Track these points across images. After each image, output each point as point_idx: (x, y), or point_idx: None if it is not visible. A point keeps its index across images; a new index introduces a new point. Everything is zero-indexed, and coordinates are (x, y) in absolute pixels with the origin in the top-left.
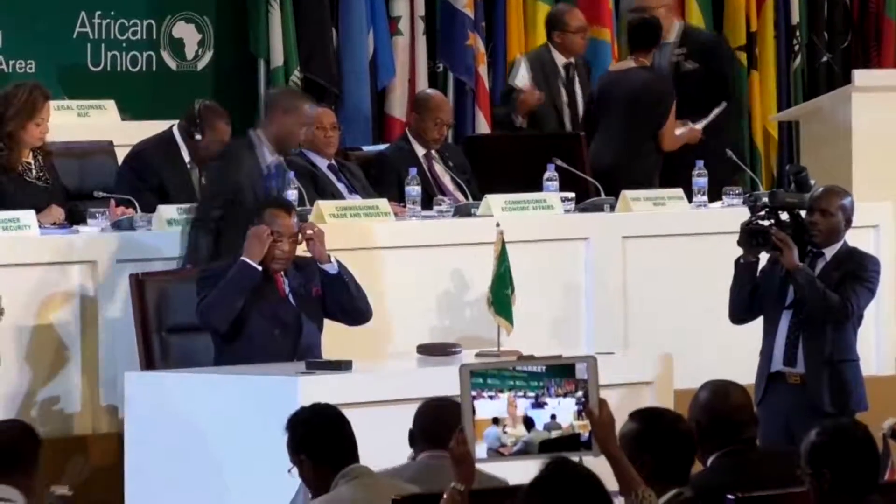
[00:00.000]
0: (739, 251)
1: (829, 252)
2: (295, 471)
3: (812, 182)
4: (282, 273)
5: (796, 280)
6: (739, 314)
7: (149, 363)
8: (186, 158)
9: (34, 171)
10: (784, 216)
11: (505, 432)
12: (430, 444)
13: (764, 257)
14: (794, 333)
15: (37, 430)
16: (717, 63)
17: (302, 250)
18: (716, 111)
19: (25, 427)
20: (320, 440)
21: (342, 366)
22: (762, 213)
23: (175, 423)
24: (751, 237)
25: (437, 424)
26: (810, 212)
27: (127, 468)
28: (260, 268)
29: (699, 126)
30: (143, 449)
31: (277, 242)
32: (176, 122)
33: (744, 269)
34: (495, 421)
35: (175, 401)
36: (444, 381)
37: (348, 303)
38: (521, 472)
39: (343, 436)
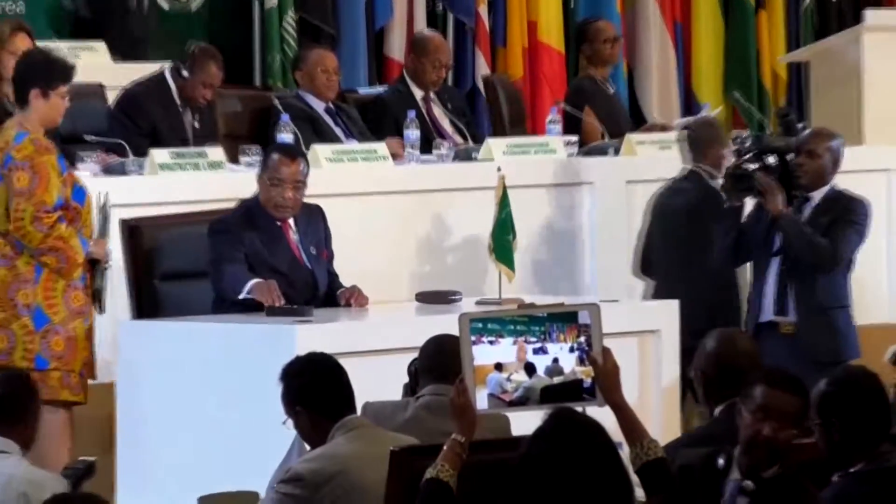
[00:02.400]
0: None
1: (817, 196)
2: (290, 423)
3: (801, 125)
4: (290, 223)
5: (781, 226)
6: (724, 260)
7: (141, 311)
8: (177, 99)
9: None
10: (771, 160)
11: (509, 379)
12: (434, 379)
13: (750, 203)
14: (784, 281)
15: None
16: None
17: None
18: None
19: (24, 378)
20: (317, 391)
21: (303, 312)
22: (748, 157)
23: (168, 373)
24: (736, 182)
25: (442, 357)
26: (797, 153)
27: (119, 418)
28: (244, 294)
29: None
30: (135, 399)
31: (275, 187)
32: (168, 63)
33: (728, 214)
34: (498, 367)
35: (168, 350)
36: (443, 330)
37: None
38: (525, 413)
39: (340, 386)
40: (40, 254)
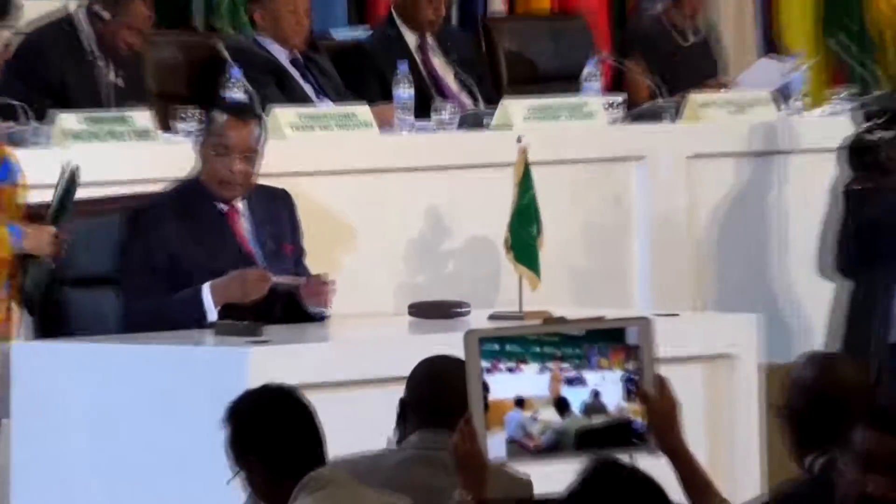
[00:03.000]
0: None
1: None
2: (239, 479)
3: None
4: (239, 209)
5: None
6: (850, 263)
7: (44, 329)
8: (94, 48)
9: None
10: None
11: (534, 419)
12: (427, 419)
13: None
14: None
15: None
16: None
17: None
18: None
19: None
20: (275, 436)
21: (253, 330)
22: (873, 123)
23: (79, 410)
24: (858, 157)
25: (436, 390)
26: None
27: (14, 466)
28: (215, 315)
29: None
30: (36, 443)
31: (221, 157)
32: (80, 1)
33: (853, 200)
34: (519, 403)
35: (79, 380)
36: (445, 353)
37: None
38: (553, 470)
39: (307, 431)
40: None
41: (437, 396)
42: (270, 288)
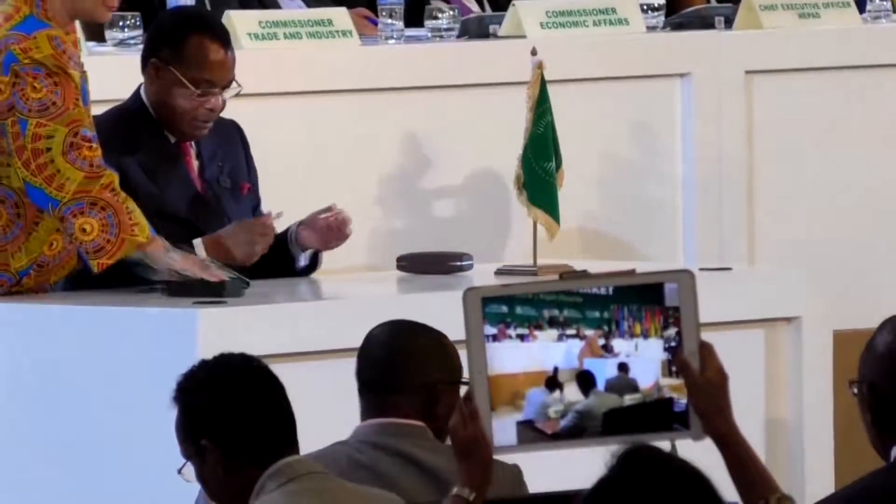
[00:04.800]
0: None
1: None
2: (189, 469)
3: None
4: (192, 143)
5: None
6: None
7: None
8: None
9: None
10: None
11: (559, 394)
12: (374, 406)
13: None
14: None
15: None
16: None
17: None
18: None
19: None
20: (235, 417)
21: (226, 289)
22: None
23: (5, 378)
24: None
25: (395, 364)
26: None
27: None
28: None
29: None
30: None
31: (206, 96)
32: None
33: None
34: (550, 382)
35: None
36: (440, 316)
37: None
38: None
39: (274, 409)
40: (77, 210)
41: (400, 376)
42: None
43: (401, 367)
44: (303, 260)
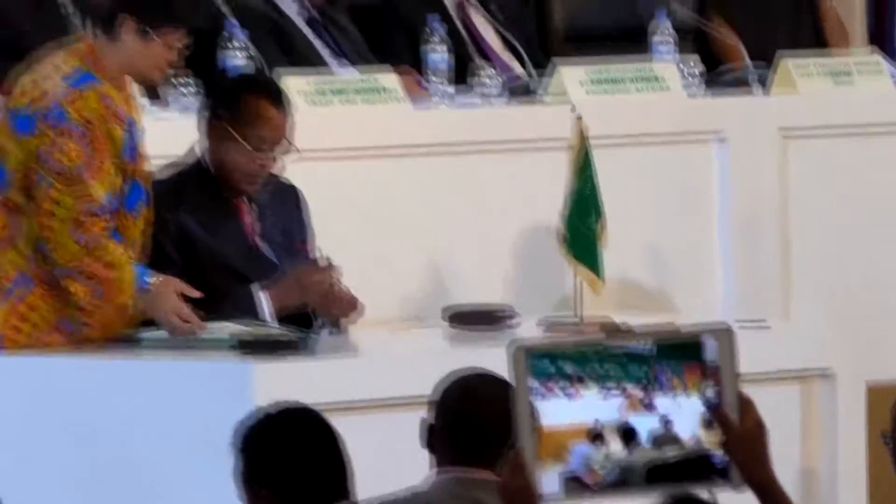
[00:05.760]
0: None
1: None
2: None
3: None
4: (246, 200)
5: None
6: None
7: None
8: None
9: None
10: None
11: (603, 447)
12: (458, 454)
13: None
14: None
15: None
16: None
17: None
18: None
19: None
20: (292, 466)
21: (299, 345)
22: None
23: (51, 436)
24: None
25: (472, 419)
26: None
27: None
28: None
29: None
30: (11, 465)
31: (259, 153)
32: None
33: None
34: (593, 436)
35: (47, 397)
36: (487, 368)
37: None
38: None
39: (330, 459)
40: (65, 274)
41: (472, 425)
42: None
43: (478, 419)
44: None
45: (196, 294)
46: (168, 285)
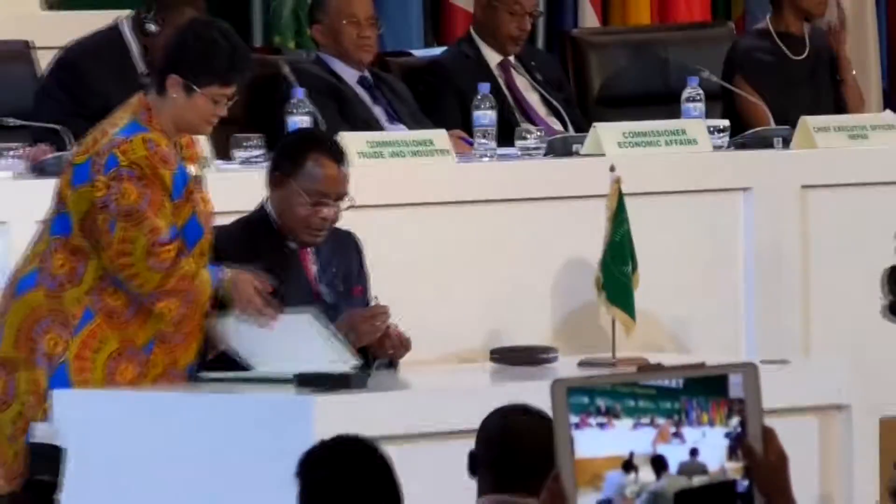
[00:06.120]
0: None
1: None
2: None
3: None
4: (309, 250)
5: None
6: None
7: None
8: (140, 65)
9: None
10: None
11: (635, 476)
12: (502, 480)
13: None
14: None
15: None
16: None
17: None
18: None
19: None
20: (349, 493)
21: (351, 381)
22: None
23: (127, 467)
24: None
25: (512, 448)
26: None
27: None
28: None
29: None
30: (83, 497)
31: (318, 206)
32: (124, 12)
33: None
34: (626, 466)
35: (128, 432)
36: (530, 404)
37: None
38: None
39: (384, 487)
40: (156, 299)
41: (513, 455)
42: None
43: (521, 449)
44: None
45: (269, 288)
46: (245, 276)
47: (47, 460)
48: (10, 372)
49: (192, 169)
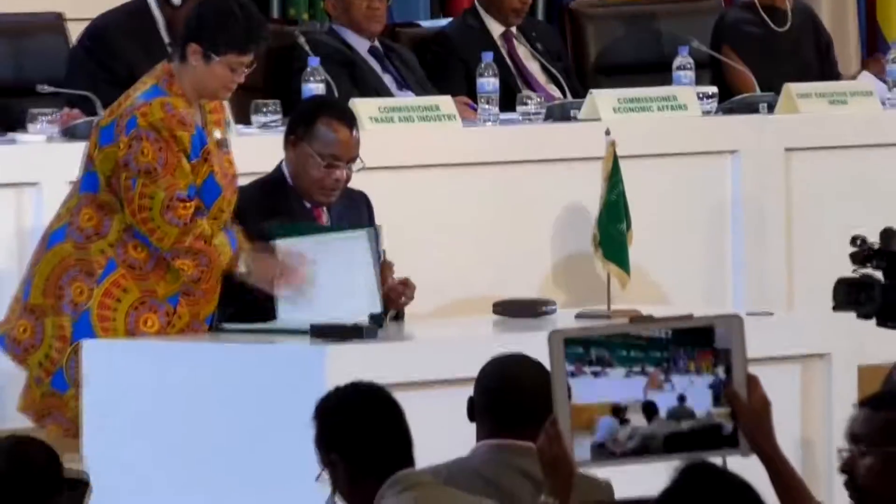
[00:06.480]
0: None
1: None
2: (325, 476)
3: None
4: (323, 208)
5: None
6: None
7: None
8: (165, 36)
9: None
10: None
11: (624, 421)
12: (498, 426)
13: None
14: None
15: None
16: None
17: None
18: None
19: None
20: (360, 435)
21: (364, 332)
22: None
23: (152, 412)
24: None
25: (508, 393)
26: None
27: (88, 465)
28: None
29: None
30: (107, 441)
31: (329, 167)
32: None
33: None
34: (615, 411)
35: (152, 379)
36: (529, 353)
37: None
38: (641, 468)
39: (393, 430)
40: (174, 256)
41: (510, 400)
42: None
43: (517, 395)
44: None
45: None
46: (265, 253)
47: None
48: (38, 318)
49: (217, 133)
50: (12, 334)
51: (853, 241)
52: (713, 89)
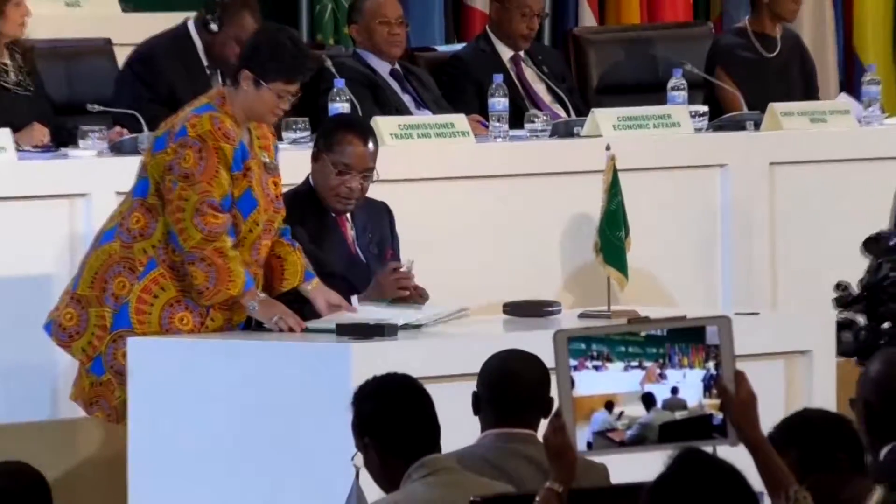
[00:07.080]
0: None
1: None
2: (359, 458)
3: None
4: (347, 217)
5: None
6: None
7: None
8: (203, 59)
9: (12, 75)
10: None
11: (620, 414)
12: (500, 417)
13: None
14: None
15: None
16: None
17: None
18: None
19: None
20: (390, 420)
21: (385, 330)
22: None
23: (191, 403)
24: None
25: (509, 386)
26: None
27: (131, 462)
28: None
29: None
30: (150, 436)
31: (342, 175)
32: (192, 14)
33: None
34: (608, 406)
35: (191, 374)
36: (537, 350)
37: None
38: (639, 456)
39: (422, 417)
40: (190, 260)
41: (510, 392)
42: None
43: (517, 387)
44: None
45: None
46: (272, 300)
47: None
48: (83, 307)
49: (265, 156)
50: (59, 321)
51: (837, 286)
52: (704, 108)
